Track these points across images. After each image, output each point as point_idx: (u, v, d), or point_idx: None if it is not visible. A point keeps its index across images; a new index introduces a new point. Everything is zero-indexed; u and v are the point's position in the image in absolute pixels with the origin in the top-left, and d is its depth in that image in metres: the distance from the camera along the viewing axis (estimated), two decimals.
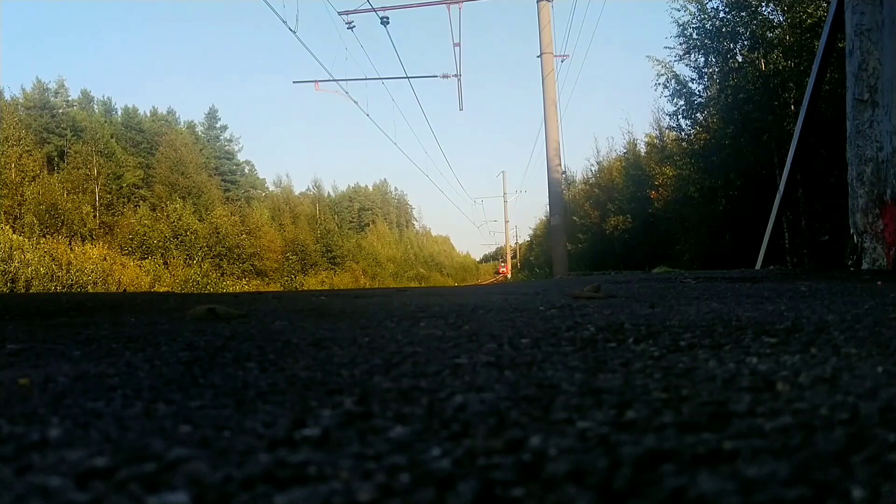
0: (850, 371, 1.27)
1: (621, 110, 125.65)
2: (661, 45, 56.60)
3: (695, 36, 19.14)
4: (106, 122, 49.34)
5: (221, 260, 42.40)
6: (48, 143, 43.98)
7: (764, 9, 18.05)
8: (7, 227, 27.80)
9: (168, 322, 2.62)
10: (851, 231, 7.74)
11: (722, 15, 18.59)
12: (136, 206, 43.40)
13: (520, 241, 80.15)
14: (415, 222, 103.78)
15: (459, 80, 21.28)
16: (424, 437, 0.87)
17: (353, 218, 77.80)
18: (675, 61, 20.60)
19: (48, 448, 0.84)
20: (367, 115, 24.22)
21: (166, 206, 42.17)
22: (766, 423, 0.89)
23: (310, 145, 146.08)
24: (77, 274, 27.16)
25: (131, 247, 38.28)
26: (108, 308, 3.41)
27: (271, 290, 29.59)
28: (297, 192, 66.80)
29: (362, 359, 1.57)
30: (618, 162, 38.24)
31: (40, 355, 1.74)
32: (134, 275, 31.82)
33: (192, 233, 41.32)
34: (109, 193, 42.97)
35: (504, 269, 70.89)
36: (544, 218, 50.89)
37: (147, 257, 37.26)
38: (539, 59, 17.21)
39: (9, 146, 36.01)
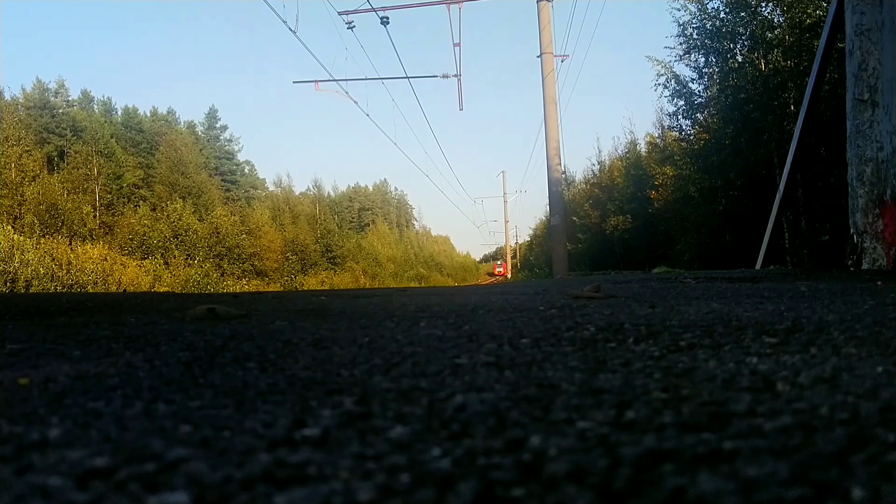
0: (850, 371, 1.27)
1: (625, 109, 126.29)
2: (662, 45, 56.80)
3: (695, 36, 19.18)
4: (106, 122, 49.37)
5: (221, 260, 42.39)
6: (48, 143, 44.01)
7: (764, 9, 18.08)
8: (7, 226, 27.77)
9: (168, 322, 2.62)
10: (851, 231, 7.74)
11: (722, 15, 18.62)
12: (136, 206, 43.44)
13: (520, 241, 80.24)
14: (415, 222, 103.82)
15: (459, 80, 21.27)
16: (424, 437, 0.87)
17: (353, 218, 77.78)
18: (675, 61, 20.68)
19: (48, 448, 0.84)
20: (367, 115, 24.20)
21: (166, 206, 42.18)
22: (766, 423, 0.89)
23: (310, 145, 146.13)
24: (77, 274, 27.13)
25: (131, 247, 38.28)
26: (108, 308, 3.41)
27: (271, 290, 29.58)
28: (297, 192, 66.90)
29: (362, 359, 1.57)
30: (618, 162, 38.27)
31: (40, 355, 1.74)
32: (134, 275, 31.80)
33: (192, 233, 41.32)
34: (109, 193, 43.00)
35: (501, 270, 70.67)
36: (544, 218, 50.95)
37: (147, 257, 37.26)
38: (539, 59, 17.20)
39: (9, 146, 36.03)
